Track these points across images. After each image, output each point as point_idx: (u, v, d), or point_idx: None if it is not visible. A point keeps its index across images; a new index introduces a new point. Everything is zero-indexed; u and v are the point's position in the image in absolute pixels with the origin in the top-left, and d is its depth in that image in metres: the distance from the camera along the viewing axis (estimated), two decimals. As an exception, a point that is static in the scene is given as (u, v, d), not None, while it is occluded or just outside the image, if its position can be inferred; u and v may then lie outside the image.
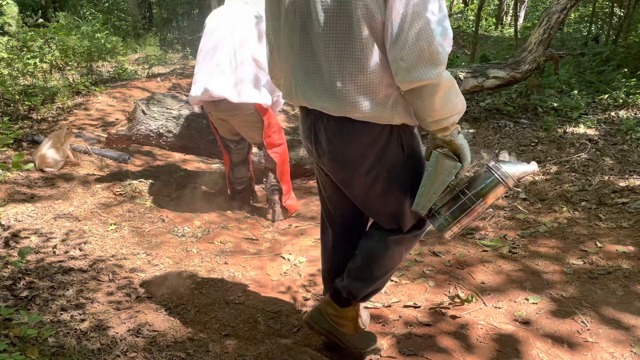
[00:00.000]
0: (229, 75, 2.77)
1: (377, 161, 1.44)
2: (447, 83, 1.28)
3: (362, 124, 1.39)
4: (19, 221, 2.79)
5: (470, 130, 4.59)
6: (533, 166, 1.44)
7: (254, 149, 3.47)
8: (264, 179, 3.24)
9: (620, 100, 4.93)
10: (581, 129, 4.45)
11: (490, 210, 3.07)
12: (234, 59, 2.78)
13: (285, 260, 2.65)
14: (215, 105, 2.87)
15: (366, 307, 2.14)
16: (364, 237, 1.68)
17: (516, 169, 1.41)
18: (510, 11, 14.95)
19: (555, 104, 4.96)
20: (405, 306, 2.17)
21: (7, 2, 7.46)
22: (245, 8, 2.86)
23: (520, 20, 12.39)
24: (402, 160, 1.47)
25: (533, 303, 2.11)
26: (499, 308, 2.10)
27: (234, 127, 3.03)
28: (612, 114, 4.78)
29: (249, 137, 3.11)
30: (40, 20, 7.12)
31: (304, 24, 1.36)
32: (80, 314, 1.97)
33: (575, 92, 5.16)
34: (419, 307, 2.15)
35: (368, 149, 1.43)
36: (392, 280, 2.39)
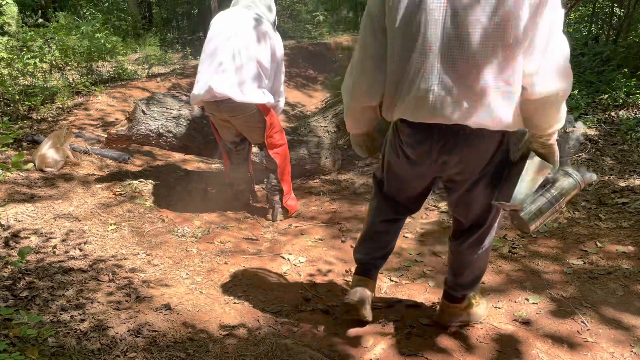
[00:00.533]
0: (232, 75, 2.78)
1: (489, 164, 1.58)
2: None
3: (491, 134, 1.50)
4: (19, 221, 2.79)
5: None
6: (594, 176, 1.72)
7: (254, 149, 3.47)
8: (265, 179, 3.24)
9: (620, 100, 4.93)
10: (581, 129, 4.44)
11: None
12: (238, 59, 2.80)
13: (285, 260, 2.65)
14: (217, 106, 2.88)
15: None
16: (463, 255, 1.82)
17: (587, 176, 1.65)
18: (510, 11, 14.92)
19: (555, 104, 4.95)
20: (406, 306, 2.17)
21: (7, 2, 7.47)
22: (246, 12, 2.94)
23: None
24: (504, 161, 1.62)
25: (533, 303, 2.11)
26: (499, 308, 2.10)
27: (236, 127, 3.03)
28: (612, 114, 4.78)
29: (250, 138, 3.11)
30: (40, 20, 7.10)
31: (447, 48, 1.40)
32: (80, 314, 1.96)
33: (575, 92, 5.15)
34: (419, 306, 2.15)
35: (486, 155, 1.57)
36: (392, 280, 2.40)
